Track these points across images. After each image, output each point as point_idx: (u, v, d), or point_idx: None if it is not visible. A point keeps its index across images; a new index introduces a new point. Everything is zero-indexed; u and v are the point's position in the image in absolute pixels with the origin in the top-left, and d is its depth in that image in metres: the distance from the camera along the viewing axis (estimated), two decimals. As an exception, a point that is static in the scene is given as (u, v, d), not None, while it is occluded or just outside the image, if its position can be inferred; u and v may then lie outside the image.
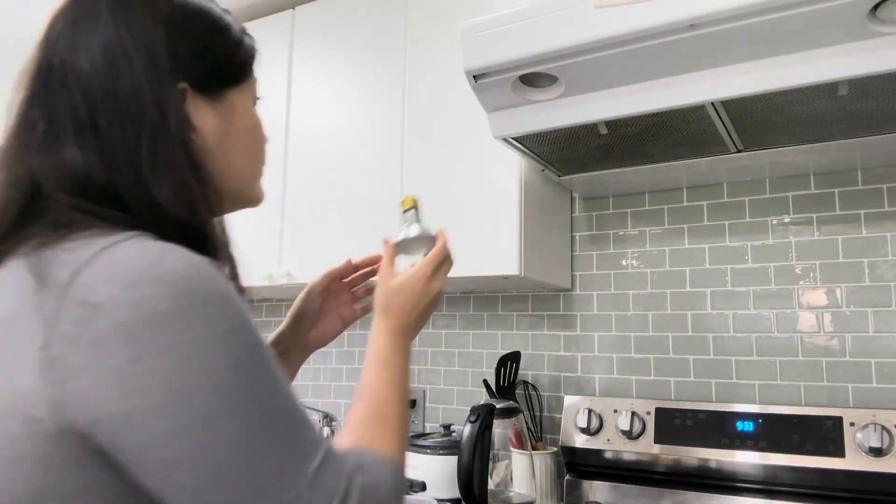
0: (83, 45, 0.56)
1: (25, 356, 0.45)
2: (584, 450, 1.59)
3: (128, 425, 0.45)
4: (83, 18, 0.57)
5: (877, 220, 1.49)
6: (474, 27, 1.20)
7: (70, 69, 0.56)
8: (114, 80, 0.55)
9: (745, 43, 1.05)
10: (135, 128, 0.54)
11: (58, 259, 0.48)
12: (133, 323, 0.45)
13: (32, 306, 0.46)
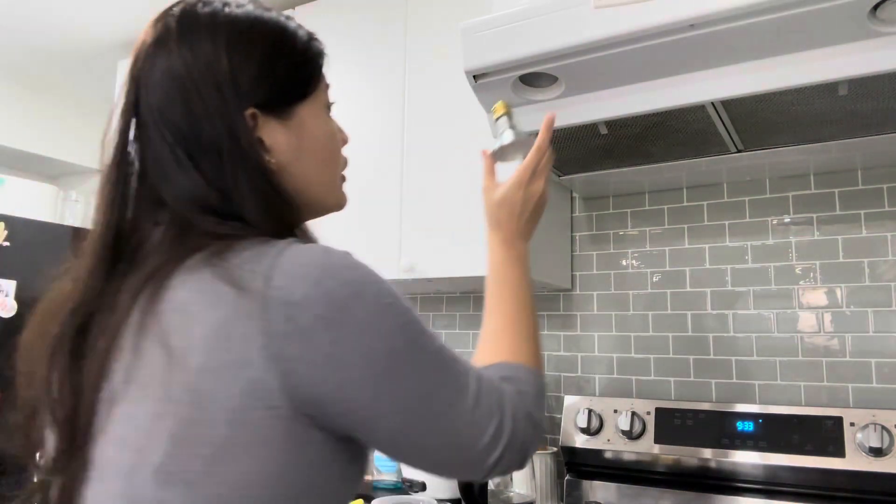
0: (156, 80, 0.61)
1: (251, 356, 0.52)
2: (584, 450, 1.59)
3: (341, 397, 0.54)
4: (157, 54, 0.62)
5: (877, 220, 1.49)
6: (474, 27, 1.20)
7: (153, 105, 0.61)
8: (188, 114, 0.60)
9: (745, 43, 1.05)
10: (215, 156, 0.60)
11: (242, 268, 0.54)
12: (327, 313, 0.53)
13: (241, 313, 0.52)
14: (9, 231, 2.21)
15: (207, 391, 0.51)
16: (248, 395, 0.52)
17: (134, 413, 0.53)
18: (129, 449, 0.53)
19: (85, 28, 2.35)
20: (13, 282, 2.21)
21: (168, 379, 0.52)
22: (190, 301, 0.54)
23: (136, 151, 0.62)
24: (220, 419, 0.51)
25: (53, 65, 2.63)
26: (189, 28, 0.62)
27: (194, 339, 0.53)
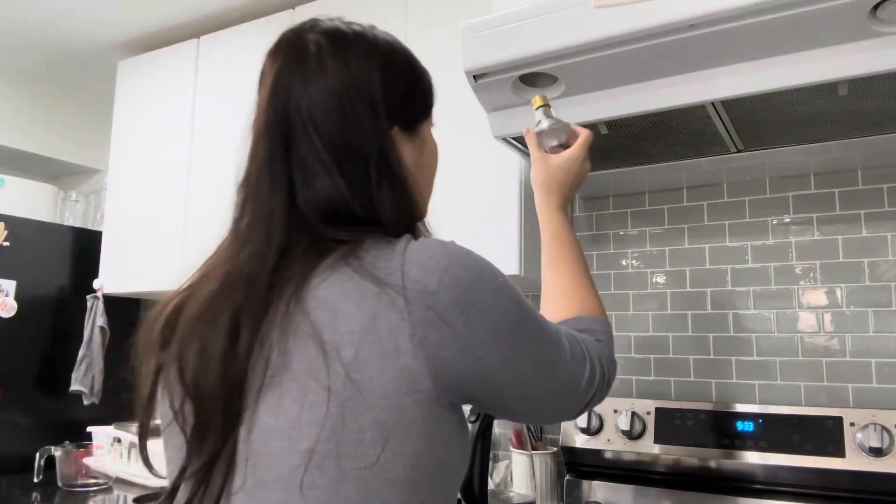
0: (315, 97, 0.66)
1: (401, 345, 0.57)
2: (584, 450, 1.59)
3: (476, 373, 0.60)
4: (312, 72, 0.67)
5: (877, 220, 1.49)
6: (474, 27, 1.20)
7: (308, 118, 0.65)
8: (344, 128, 0.65)
9: (745, 43, 1.05)
10: (364, 167, 0.65)
11: (377, 266, 0.59)
12: (458, 297, 0.59)
13: (385, 306, 0.57)
14: (9, 231, 2.21)
15: (361, 381, 0.56)
16: (399, 381, 0.56)
17: (284, 403, 0.57)
18: (278, 436, 0.57)
19: (85, 28, 2.35)
20: (13, 282, 2.21)
21: (322, 371, 0.56)
22: (335, 298, 0.59)
23: (280, 158, 0.66)
24: (372, 406, 0.56)
25: (53, 65, 2.63)
26: (341, 46, 0.69)
27: (344, 333, 0.57)
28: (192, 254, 2.20)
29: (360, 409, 0.56)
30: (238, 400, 0.59)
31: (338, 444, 0.55)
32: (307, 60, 0.67)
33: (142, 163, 2.33)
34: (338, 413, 0.56)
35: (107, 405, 2.36)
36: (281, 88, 0.67)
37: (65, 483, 1.94)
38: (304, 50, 0.68)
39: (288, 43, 0.70)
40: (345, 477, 0.55)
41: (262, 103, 0.68)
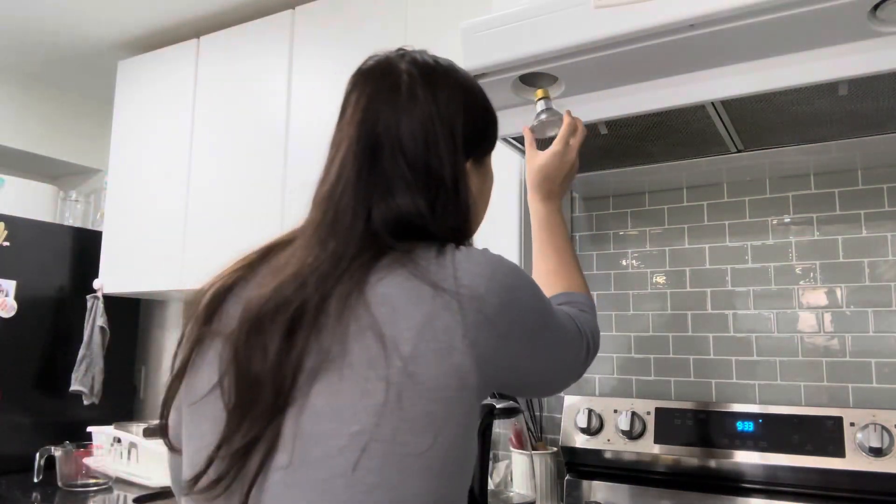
0: (405, 123, 0.73)
1: (455, 345, 0.63)
2: (584, 450, 1.59)
3: (514, 366, 0.70)
4: (405, 101, 0.74)
5: (877, 220, 1.49)
6: (474, 27, 1.20)
7: (396, 140, 0.72)
8: (426, 153, 0.73)
9: (745, 43, 1.05)
10: (437, 191, 0.73)
11: (431, 270, 0.66)
12: (502, 301, 0.67)
13: (440, 308, 0.64)
14: (9, 231, 2.21)
15: (417, 374, 0.61)
16: (451, 377, 0.62)
17: (339, 389, 0.61)
18: (329, 419, 0.61)
19: (85, 28, 2.35)
20: (13, 282, 2.21)
21: (381, 362, 0.61)
22: (394, 296, 0.64)
23: (366, 176, 0.72)
24: (425, 398, 0.61)
25: (53, 65, 2.63)
26: (431, 80, 0.76)
27: (402, 329, 0.62)
28: (192, 254, 2.22)
29: (414, 400, 0.61)
30: (291, 385, 0.62)
31: (388, 431, 0.60)
32: (399, 90, 0.74)
33: (142, 163, 2.33)
34: (393, 402, 0.60)
35: (107, 405, 2.36)
36: (372, 114, 0.74)
37: (65, 483, 1.94)
38: (397, 79, 0.75)
39: (381, 70, 0.77)
40: (390, 461, 0.60)
41: (353, 125, 0.74)
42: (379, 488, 0.60)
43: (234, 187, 2.07)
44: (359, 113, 0.74)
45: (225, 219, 2.07)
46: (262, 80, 2.06)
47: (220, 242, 2.06)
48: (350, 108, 0.76)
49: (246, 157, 2.06)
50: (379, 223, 0.69)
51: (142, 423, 2.18)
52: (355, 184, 0.71)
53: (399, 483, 0.60)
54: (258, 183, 2.01)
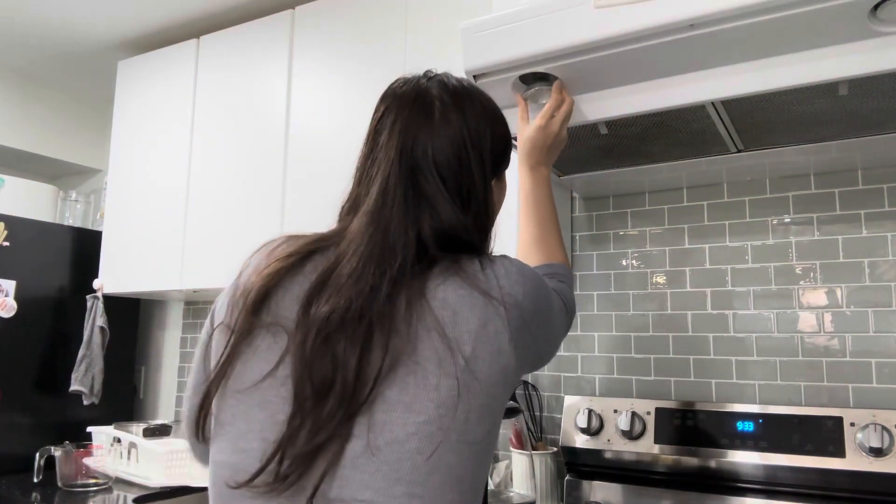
0: (440, 146, 0.80)
1: (503, 347, 0.73)
2: (584, 450, 1.59)
3: (539, 359, 0.82)
4: (439, 125, 0.81)
5: (877, 220, 1.49)
6: (474, 27, 1.20)
7: (433, 163, 0.79)
8: (460, 174, 0.80)
9: (745, 43, 1.05)
10: (472, 206, 0.81)
11: (479, 278, 0.74)
12: (534, 306, 0.77)
13: (492, 314, 0.72)
14: (9, 231, 2.21)
15: (476, 371, 0.70)
16: (501, 375, 0.72)
17: (408, 382, 0.68)
18: (398, 410, 0.68)
19: (85, 28, 2.35)
20: (13, 282, 2.21)
21: (448, 360, 0.69)
22: (453, 301, 0.72)
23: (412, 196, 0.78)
24: (481, 393, 0.70)
25: (53, 65, 2.63)
26: (460, 104, 0.83)
27: (463, 332, 0.70)
28: (192, 254, 2.22)
29: (474, 394, 0.70)
30: (372, 388, 0.68)
31: (450, 421, 0.68)
32: (433, 115, 0.81)
33: (142, 163, 2.33)
34: (455, 396, 0.68)
35: (107, 405, 2.36)
36: (410, 138, 0.80)
37: (65, 483, 1.94)
38: (430, 106, 0.82)
39: (415, 95, 0.83)
40: (450, 447, 0.68)
41: (392, 149, 0.79)
42: (438, 470, 0.68)
43: (234, 187, 2.07)
44: (396, 137, 0.80)
45: (225, 219, 2.07)
46: (261, 79, 2.06)
47: (220, 242, 2.06)
48: (386, 131, 0.81)
49: (246, 156, 2.06)
50: (429, 236, 0.76)
51: (142, 423, 2.18)
52: (402, 203, 0.77)
53: (456, 464, 0.69)
54: (258, 183, 2.01)
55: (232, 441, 0.72)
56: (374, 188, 0.78)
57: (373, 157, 0.82)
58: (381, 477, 0.67)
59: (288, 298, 0.74)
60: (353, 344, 0.69)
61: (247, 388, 0.72)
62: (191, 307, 2.64)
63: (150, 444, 1.97)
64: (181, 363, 2.62)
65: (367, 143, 0.84)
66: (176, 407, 2.59)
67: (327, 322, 0.70)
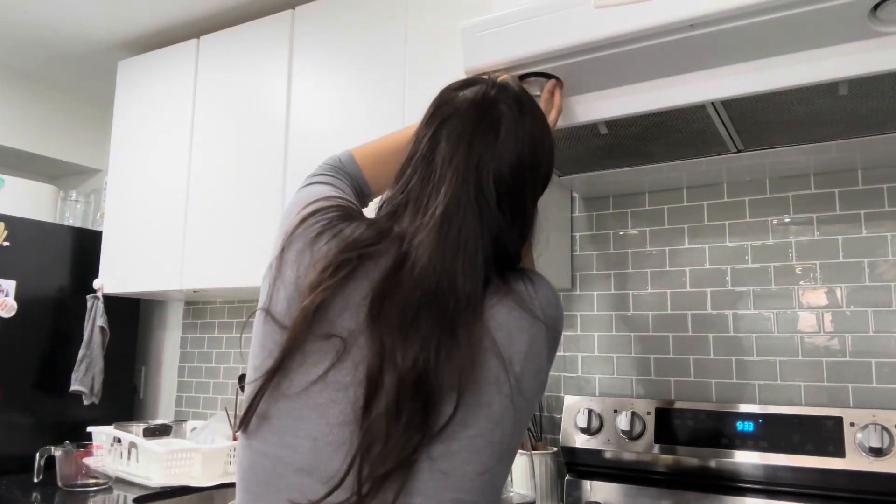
0: (503, 163, 0.80)
1: (543, 365, 0.78)
2: (584, 450, 1.59)
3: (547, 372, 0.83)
4: (504, 142, 0.81)
5: (877, 220, 1.49)
6: (474, 27, 1.20)
7: (493, 177, 0.79)
8: (515, 189, 0.81)
9: (745, 43, 1.05)
10: (520, 224, 0.84)
11: (524, 299, 0.77)
12: (561, 328, 0.83)
13: (536, 333, 0.77)
14: (9, 231, 2.21)
15: (523, 389, 0.75)
16: (539, 389, 0.79)
17: (464, 401, 0.71)
18: (453, 425, 0.71)
19: (85, 28, 2.35)
20: (13, 282, 2.21)
21: (504, 380, 0.73)
22: (508, 324, 0.75)
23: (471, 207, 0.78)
24: (526, 407, 0.76)
25: (53, 65, 2.63)
26: (526, 124, 0.83)
27: (515, 353, 0.75)
28: (192, 254, 2.22)
29: (520, 409, 0.75)
30: (436, 409, 0.70)
31: (499, 435, 0.73)
32: (500, 133, 0.81)
33: (142, 163, 2.33)
34: (507, 413, 0.73)
35: (107, 405, 2.36)
36: (476, 156, 0.80)
37: (65, 483, 1.94)
38: (497, 122, 0.81)
39: (482, 109, 0.82)
40: (495, 456, 0.73)
41: (458, 162, 0.79)
42: (483, 475, 0.72)
43: (233, 187, 2.07)
44: (462, 153, 0.80)
45: (225, 219, 2.07)
46: (262, 80, 2.06)
47: (220, 242, 2.06)
48: (450, 144, 0.80)
49: (246, 156, 2.06)
50: (491, 259, 0.78)
51: (142, 423, 2.18)
52: (475, 222, 0.77)
53: (496, 470, 0.74)
54: (258, 183, 2.01)
55: (279, 435, 0.74)
56: (437, 204, 0.77)
57: (431, 168, 0.80)
58: (433, 484, 0.70)
59: (347, 308, 0.75)
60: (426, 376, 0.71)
61: (297, 392, 0.74)
62: (191, 307, 2.64)
63: (150, 444, 1.97)
64: (181, 363, 2.62)
65: (423, 152, 0.82)
66: (176, 407, 2.59)
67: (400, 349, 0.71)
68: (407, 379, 0.69)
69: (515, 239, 0.83)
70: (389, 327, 0.72)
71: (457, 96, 0.84)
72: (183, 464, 1.95)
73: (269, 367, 0.75)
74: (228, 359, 2.49)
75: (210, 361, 2.54)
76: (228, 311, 2.54)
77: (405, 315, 0.72)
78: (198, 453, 1.97)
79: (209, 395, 2.51)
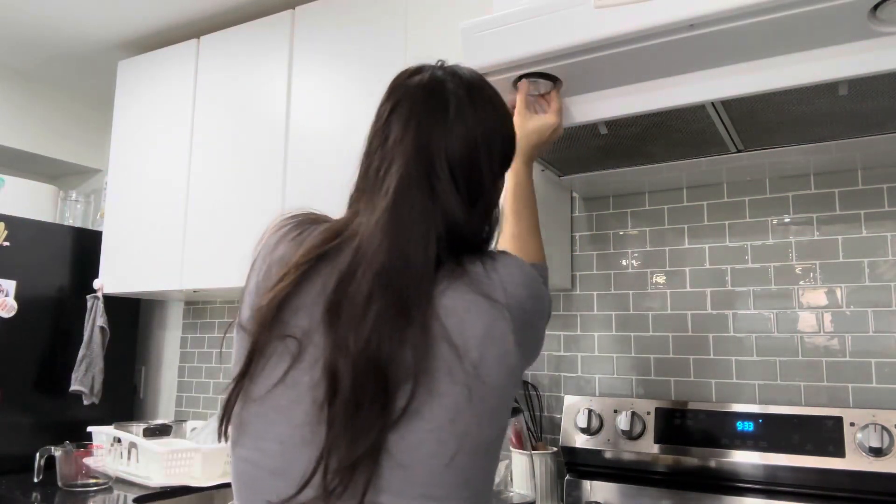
0: (454, 144, 0.79)
1: (509, 349, 0.74)
2: (584, 450, 1.59)
3: (535, 356, 0.82)
4: (453, 123, 0.80)
5: (877, 220, 1.49)
6: (474, 27, 1.20)
7: (446, 162, 0.78)
8: (469, 169, 0.80)
9: (745, 43, 1.05)
10: (478, 206, 0.81)
11: (482, 282, 0.75)
12: (534, 307, 0.79)
13: (496, 318, 0.73)
14: (9, 231, 2.21)
15: (483, 376, 0.71)
16: (509, 376, 0.74)
17: (417, 392, 0.69)
18: (409, 418, 0.69)
19: (85, 28, 2.35)
20: (13, 282, 2.21)
21: (457, 368, 0.70)
22: (459, 308, 0.73)
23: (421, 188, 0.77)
24: (490, 395, 0.72)
25: (53, 65, 2.63)
26: (476, 101, 0.83)
27: (469, 338, 0.72)
28: (192, 254, 2.22)
29: (483, 399, 0.71)
30: (406, 400, 0.69)
31: (462, 427, 0.70)
32: (448, 112, 0.80)
33: (142, 163, 2.33)
34: (466, 402, 0.70)
35: (107, 405, 2.36)
36: (425, 136, 0.79)
37: (65, 483, 1.94)
38: (445, 102, 0.81)
39: (429, 90, 0.82)
40: (462, 451, 0.70)
41: (407, 144, 0.78)
42: (452, 473, 0.70)
43: (233, 187, 2.07)
44: (412, 133, 0.79)
45: (225, 219, 2.07)
46: (261, 80, 2.06)
47: (220, 242, 2.06)
48: (400, 125, 0.80)
49: (246, 156, 2.06)
50: (444, 237, 0.76)
51: (142, 423, 2.18)
52: (421, 202, 0.76)
53: (468, 466, 0.71)
54: (258, 183, 2.01)
55: (253, 440, 0.75)
56: (388, 186, 0.77)
57: (383, 151, 0.80)
58: (397, 481, 0.69)
59: (301, 308, 0.75)
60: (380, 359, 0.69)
61: (262, 395, 0.75)
62: (191, 307, 2.64)
63: (150, 444, 1.97)
64: (181, 363, 2.62)
65: (377, 134, 0.82)
66: (176, 407, 2.59)
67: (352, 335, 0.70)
68: (360, 362, 0.68)
69: (477, 221, 0.81)
70: (343, 318, 0.71)
71: (407, 81, 0.85)
72: (183, 464, 1.95)
73: (236, 373, 0.77)
74: (229, 359, 2.49)
75: (210, 361, 2.54)
76: (228, 311, 2.54)
77: (357, 302, 0.71)
78: (198, 453, 1.97)
79: (209, 395, 2.51)
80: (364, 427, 0.68)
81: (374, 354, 0.69)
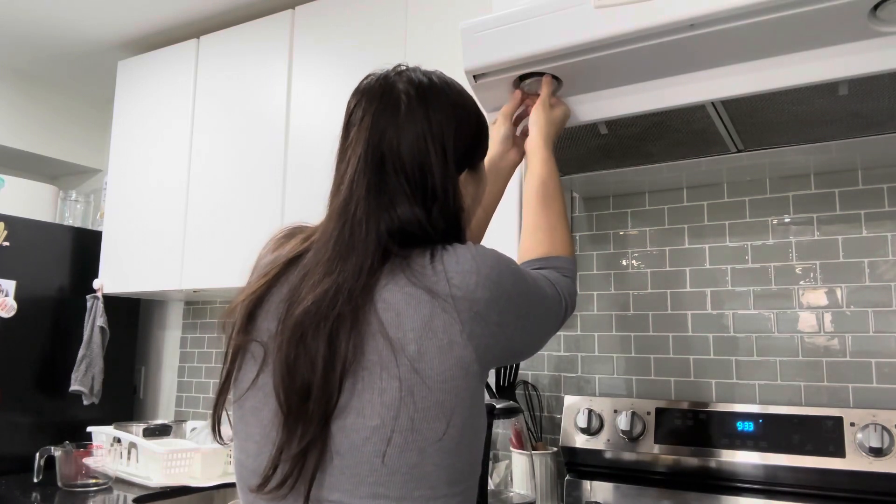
0: (404, 142, 0.80)
1: (454, 340, 0.72)
2: (584, 450, 1.59)
3: (509, 347, 0.78)
4: (404, 121, 0.81)
5: (877, 220, 1.49)
6: (474, 27, 1.20)
7: (397, 158, 0.80)
8: (421, 168, 0.80)
9: (745, 43, 1.05)
10: (433, 201, 0.80)
11: (426, 275, 0.74)
12: (492, 296, 0.75)
13: (438, 309, 0.72)
14: (9, 231, 2.21)
15: (424, 370, 0.70)
16: (455, 368, 0.72)
17: (358, 388, 0.70)
18: (352, 416, 0.70)
19: (85, 28, 2.35)
20: (13, 282, 2.21)
21: (392, 363, 0.70)
22: (397, 302, 0.72)
23: (375, 190, 0.79)
24: (434, 390, 0.70)
25: (53, 65, 2.63)
26: (426, 99, 0.83)
27: (406, 331, 0.71)
28: (192, 254, 2.22)
29: (424, 394, 0.70)
30: (338, 391, 0.70)
31: (406, 422, 0.69)
32: (399, 109, 0.81)
33: (142, 163, 2.33)
34: (406, 397, 0.69)
35: (107, 405, 2.36)
36: (377, 133, 0.80)
37: (65, 483, 1.94)
38: (396, 100, 0.82)
39: (382, 90, 0.84)
40: (410, 448, 0.69)
41: (360, 143, 0.81)
42: (399, 471, 0.70)
43: (233, 187, 2.07)
44: (364, 131, 0.81)
45: (225, 219, 2.06)
46: (261, 79, 2.06)
47: (220, 242, 2.06)
48: (356, 126, 0.82)
49: (246, 156, 2.06)
50: (385, 233, 0.77)
51: (142, 423, 2.18)
52: (366, 198, 0.78)
53: (419, 463, 0.70)
54: (258, 182, 2.01)
55: (238, 440, 0.79)
56: (343, 185, 0.80)
57: (343, 153, 0.84)
58: (346, 479, 0.70)
59: (269, 312, 0.79)
60: (319, 350, 0.71)
61: (240, 398, 0.79)
62: (191, 307, 2.64)
63: (150, 444, 1.97)
64: (181, 363, 2.62)
65: (341, 137, 0.86)
66: (176, 407, 2.59)
67: (295, 328, 0.73)
68: (290, 358, 0.72)
69: (434, 217, 0.80)
70: (297, 317, 0.73)
71: (366, 84, 0.86)
72: (183, 464, 1.95)
73: (222, 378, 0.81)
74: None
75: (210, 361, 2.54)
76: (228, 311, 2.54)
77: (308, 301, 0.73)
78: (198, 453, 1.97)
79: (209, 395, 2.51)
80: (307, 421, 0.70)
81: (304, 351, 0.71)
